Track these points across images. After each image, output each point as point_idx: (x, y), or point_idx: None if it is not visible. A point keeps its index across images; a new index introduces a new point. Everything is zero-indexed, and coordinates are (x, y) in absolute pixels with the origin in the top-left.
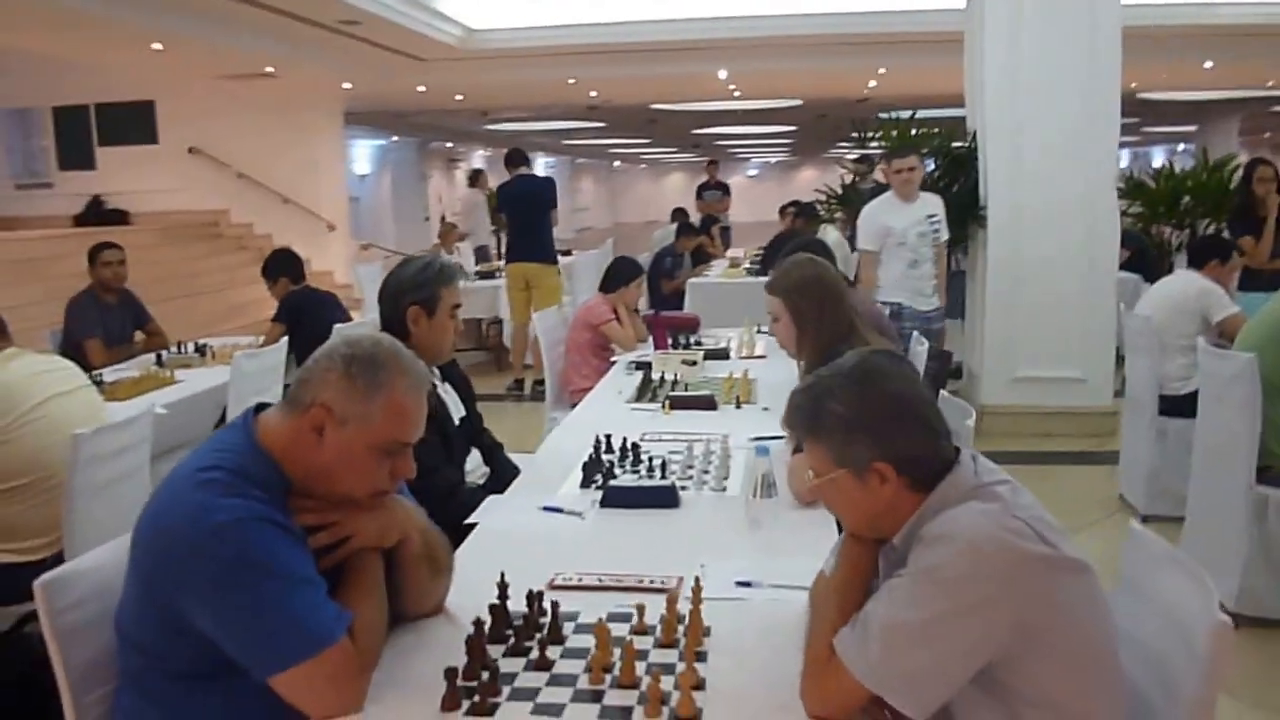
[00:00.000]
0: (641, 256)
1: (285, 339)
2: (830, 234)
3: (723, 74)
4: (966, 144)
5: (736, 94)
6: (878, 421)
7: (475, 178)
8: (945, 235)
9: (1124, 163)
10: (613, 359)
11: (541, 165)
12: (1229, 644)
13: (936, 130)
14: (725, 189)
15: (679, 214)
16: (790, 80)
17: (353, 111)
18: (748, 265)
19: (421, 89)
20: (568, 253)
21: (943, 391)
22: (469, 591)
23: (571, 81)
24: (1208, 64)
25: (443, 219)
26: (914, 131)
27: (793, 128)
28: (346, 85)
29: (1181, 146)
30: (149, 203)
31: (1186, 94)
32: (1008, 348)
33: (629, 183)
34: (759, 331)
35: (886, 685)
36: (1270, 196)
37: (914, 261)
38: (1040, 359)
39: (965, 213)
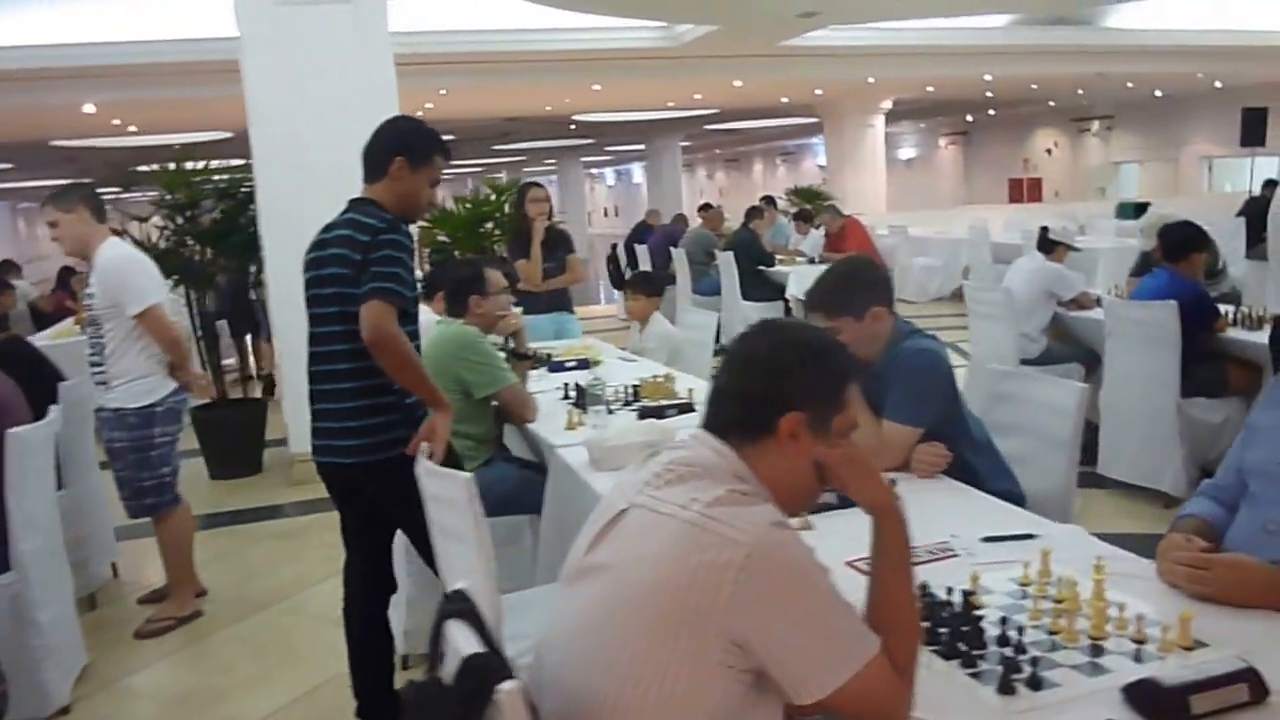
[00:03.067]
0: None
1: None
2: None
3: (89, 108)
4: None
5: (131, 129)
6: None
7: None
8: (130, 309)
9: (610, 182)
10: None
11: None
12: None
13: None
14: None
15: None
16: (184, 110)
17: None
18: None
19: None
20: None
21: None
22: None
23: None
24: (596, 87)
25: None
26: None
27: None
28: None
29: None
30: None
31: (620, 115)
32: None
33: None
34: None
35: None
36: (540, 219)
37: None
38: None
39: (249, 258)
